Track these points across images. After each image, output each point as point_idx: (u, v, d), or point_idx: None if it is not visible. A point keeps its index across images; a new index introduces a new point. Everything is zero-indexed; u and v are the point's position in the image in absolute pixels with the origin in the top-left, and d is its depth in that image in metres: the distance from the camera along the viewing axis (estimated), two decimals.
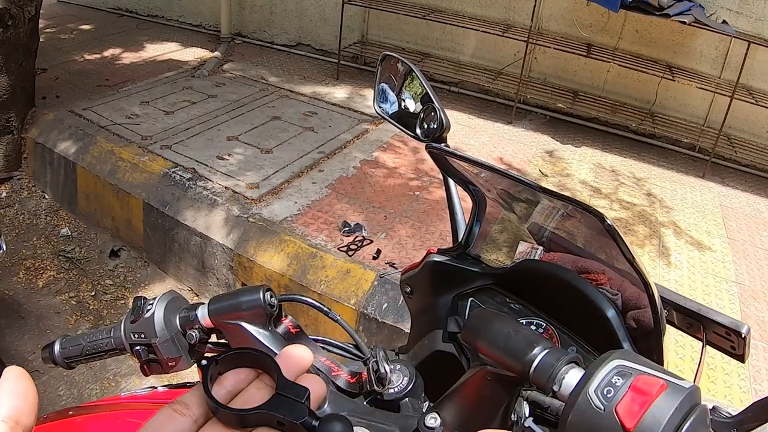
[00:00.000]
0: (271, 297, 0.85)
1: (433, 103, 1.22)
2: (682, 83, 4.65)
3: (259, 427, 0.53)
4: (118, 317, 3.42)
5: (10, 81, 4.22)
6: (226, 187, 3.63)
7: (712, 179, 4.65)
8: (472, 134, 4.79)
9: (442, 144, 1.19)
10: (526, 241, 1.07)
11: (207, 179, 3.70)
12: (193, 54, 6.14)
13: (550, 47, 4.96)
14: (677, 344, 2.76)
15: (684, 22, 4.23)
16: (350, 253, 3.15)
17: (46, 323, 3.37)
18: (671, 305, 1.05)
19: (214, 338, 0.92)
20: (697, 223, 3.98)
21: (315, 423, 0.53)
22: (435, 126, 1.22)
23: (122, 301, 3.56)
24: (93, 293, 3.60)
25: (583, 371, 0.59)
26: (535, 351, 0.63)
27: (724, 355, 1.05)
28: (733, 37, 4.35)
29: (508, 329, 0.66)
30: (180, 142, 4.16)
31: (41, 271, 3.74)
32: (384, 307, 2.86)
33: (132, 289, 3.66)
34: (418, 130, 1.25)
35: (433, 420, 0.73)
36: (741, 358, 1.02)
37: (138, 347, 0.89)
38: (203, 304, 0.88)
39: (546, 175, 4.25)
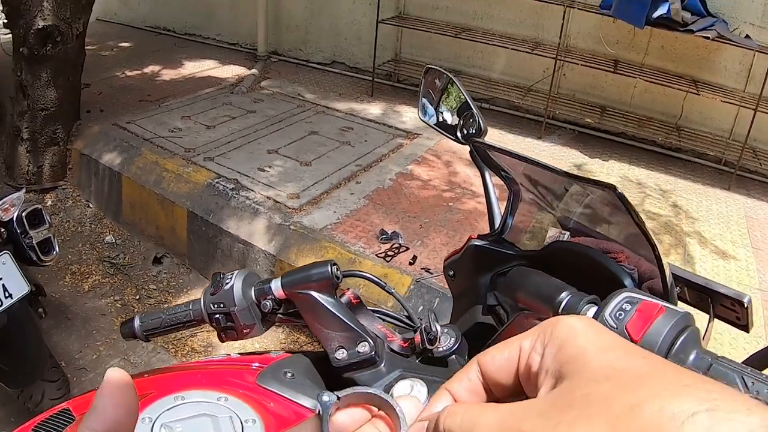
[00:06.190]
0: (337, 270, 1.00)
1: (472, 109, 1.38)
2: (707, 97, 4.74)
3: None
4: None
5: (57, 95, 4.47)
6: (267, 197, 3.82)
7: (737, 191, 4.72)
8: None
9: None
10: (555, 227, 1.22)
11: (249, 189, 3.89)
12: (231, 71, 6.35)
13: (577, 64, 5.09)
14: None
15: (707, 38, 4.34)
16: (387, 259, 3.31)
17: (92, 324, 3.54)
18: (683, 282, 1.17)
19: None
20: (722, 233, 4.07)
21: None
22: (474, 131, 1.37)
23: (165, 305, 3.67)
24: (137, 297, 3.77)
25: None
26: (562, 295, 0.78)
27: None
28: (756, 50, 4.44)
29: (540, 280, 0.82)
30: (222, 155, 4.35)
31: (87, 276, 3.92)
32: (420, 309, 3.00)
33: (175, 293, 3.83)
34: (458, 134, 1.41)
35: None
36: (746, 328, 1.12)
37: (217, 315, 1.03)
38: (276, 278, 1.03)
39: None
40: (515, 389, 0.44)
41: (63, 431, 0.76)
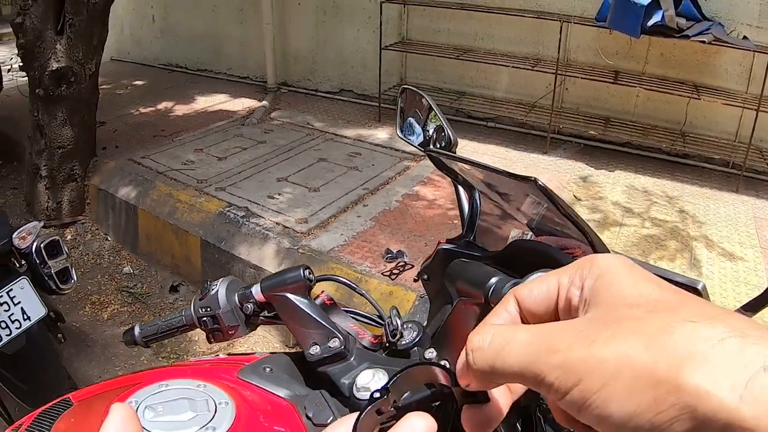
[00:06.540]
0: (309, 273, 1.09)
1: (443, 123, 1.46)
2: (709, 101, 4.76)
3: None
4: (179, 344, 3.68)
5: (73, 133, 4.65)
6: (277, 223, 3.92)
7: (746, 193, 4.70)
8: (508, 165, 4.95)
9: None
10: (518, 228, 1.29)
11: (259, 216, 4.00)
12: (241, 104, 6.51)
13: (578, 77, 5.15)
14: None
15: (703, 42, 4.37)
16: (393, 277, 3.38)
17: (111, 351, 3.65)
18: None
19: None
20: (729, 236, 4.07)
21: None
22: (444, 144, 1.46)
23: None
24: None
25: None
26: (492, 280, 0.85)
27: None
28: (754, 51, 4.45)
29: (473, 268, 0.90)
30: (233, 184, 4.48)
31: (106, 305, 4.04)
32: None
33: None
34: (431, 146, 1.49)
35: (430, 353, 0.96)
36: None
37: (205, 318, 1.14)
38: (257, 283, 1.12)
39: (579, 199, 4.42)
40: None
41: (61, 415, 0.85)
